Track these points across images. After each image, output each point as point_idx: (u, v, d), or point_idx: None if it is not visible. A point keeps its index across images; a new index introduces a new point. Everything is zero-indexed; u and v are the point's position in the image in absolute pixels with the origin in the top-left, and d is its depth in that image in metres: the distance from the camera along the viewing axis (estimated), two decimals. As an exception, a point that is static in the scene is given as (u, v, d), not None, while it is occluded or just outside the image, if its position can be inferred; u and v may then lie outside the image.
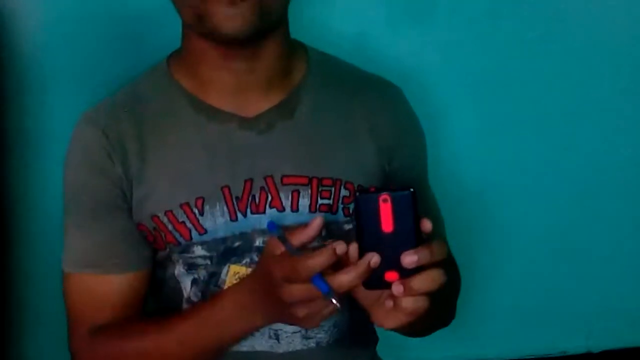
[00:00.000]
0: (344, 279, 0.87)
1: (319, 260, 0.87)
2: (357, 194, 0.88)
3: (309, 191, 1.08)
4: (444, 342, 1.33)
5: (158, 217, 1.07)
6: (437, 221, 1.19)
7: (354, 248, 0.88)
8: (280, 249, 0.93)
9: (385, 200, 0.86)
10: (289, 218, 1.08)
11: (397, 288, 0.86)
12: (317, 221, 0.92)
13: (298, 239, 0.93)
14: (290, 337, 1.10)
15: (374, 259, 0.87)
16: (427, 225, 0.86)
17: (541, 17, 1.44)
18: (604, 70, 1.48)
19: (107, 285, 1.08)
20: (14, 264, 1.37)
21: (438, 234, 1.13)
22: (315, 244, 1.08)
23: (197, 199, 1.06)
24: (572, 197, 1.53)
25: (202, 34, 1.02)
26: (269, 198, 1.07)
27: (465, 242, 1.26)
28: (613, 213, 1.55)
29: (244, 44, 1.02)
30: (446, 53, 1.43)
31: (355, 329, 1.15)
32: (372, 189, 0.87)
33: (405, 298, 0.86)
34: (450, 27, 1.42)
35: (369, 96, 1.15)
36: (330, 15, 1.38)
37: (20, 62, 1.32)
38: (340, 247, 0.87)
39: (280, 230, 0.95)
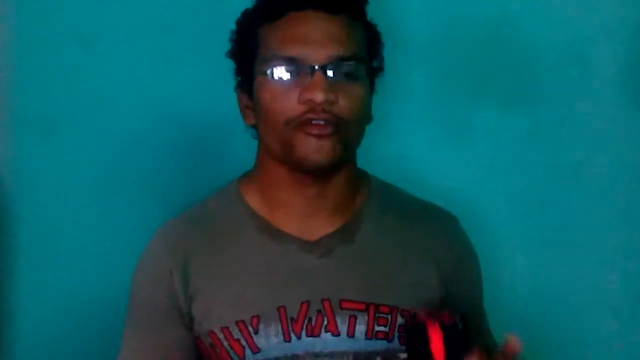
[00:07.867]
0: None
1: None
2: (409, 325, 0.93)
3: (366, 317, 1.09)
4: None
5: (214, 332, 1.09)
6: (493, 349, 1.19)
7: None
8: None
9: (435, 331, 0.91)
10: (344, 344, 1.08)
11: None
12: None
13: None
14: None
15: None
16: None
17: (580, 139, 1.46)
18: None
19: None
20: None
21: None
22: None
23: (252, 317, 1.08)
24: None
25: (289, 163, 1.07)
26: (325, 321, 1.08)
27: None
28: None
29: (323, 172, 1.07)
30: (485, 174, 1.45)
31: None
32: (423, 316, 0.92)
33: None
34: (489, 148, 1.45)
35: (427, 224, 1.18)
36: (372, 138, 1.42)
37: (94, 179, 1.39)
38: None
39: None
